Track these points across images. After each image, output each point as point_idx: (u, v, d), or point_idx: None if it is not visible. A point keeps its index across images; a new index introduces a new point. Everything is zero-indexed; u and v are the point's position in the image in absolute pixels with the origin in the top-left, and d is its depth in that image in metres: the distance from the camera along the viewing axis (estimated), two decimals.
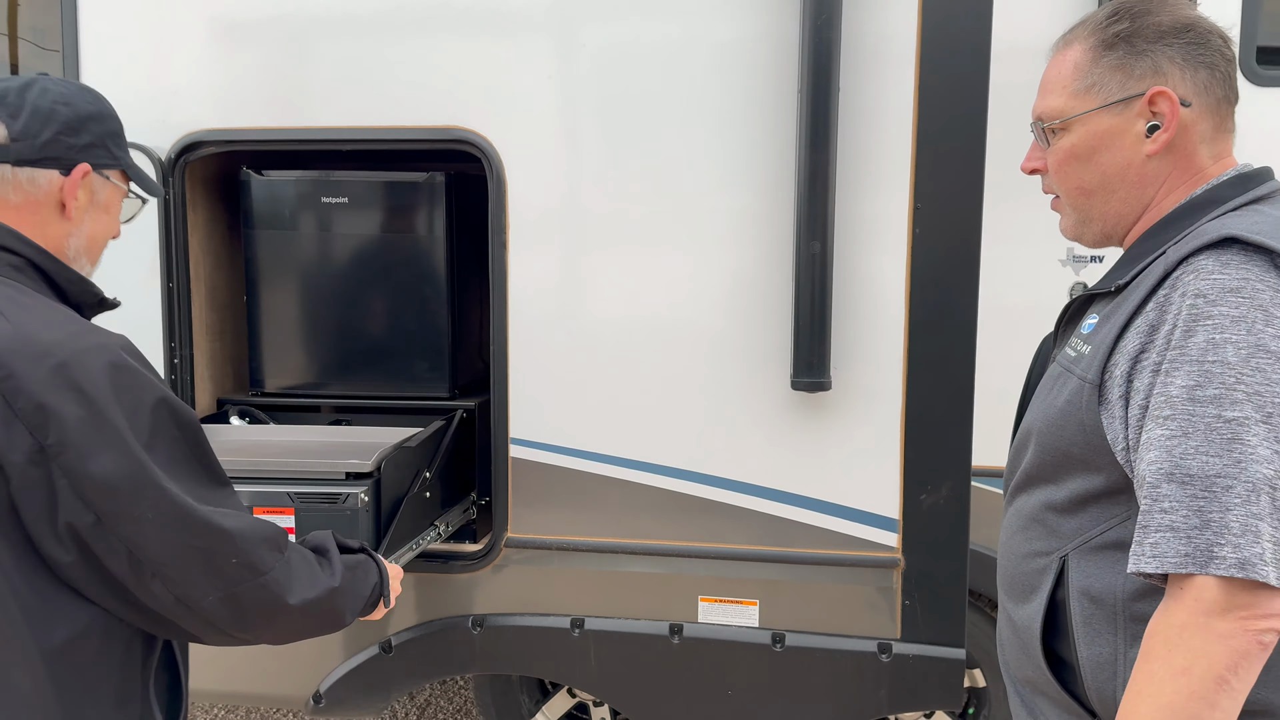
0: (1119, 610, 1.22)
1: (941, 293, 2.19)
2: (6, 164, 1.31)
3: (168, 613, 1.30)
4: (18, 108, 1.32)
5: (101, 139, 1.40)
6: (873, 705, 2.32)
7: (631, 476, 2.35)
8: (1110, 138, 1.29)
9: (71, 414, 1.20)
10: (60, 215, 1.37)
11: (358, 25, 2.33)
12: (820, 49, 2.11)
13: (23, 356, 1.20)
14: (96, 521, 1.22)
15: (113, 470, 1.21)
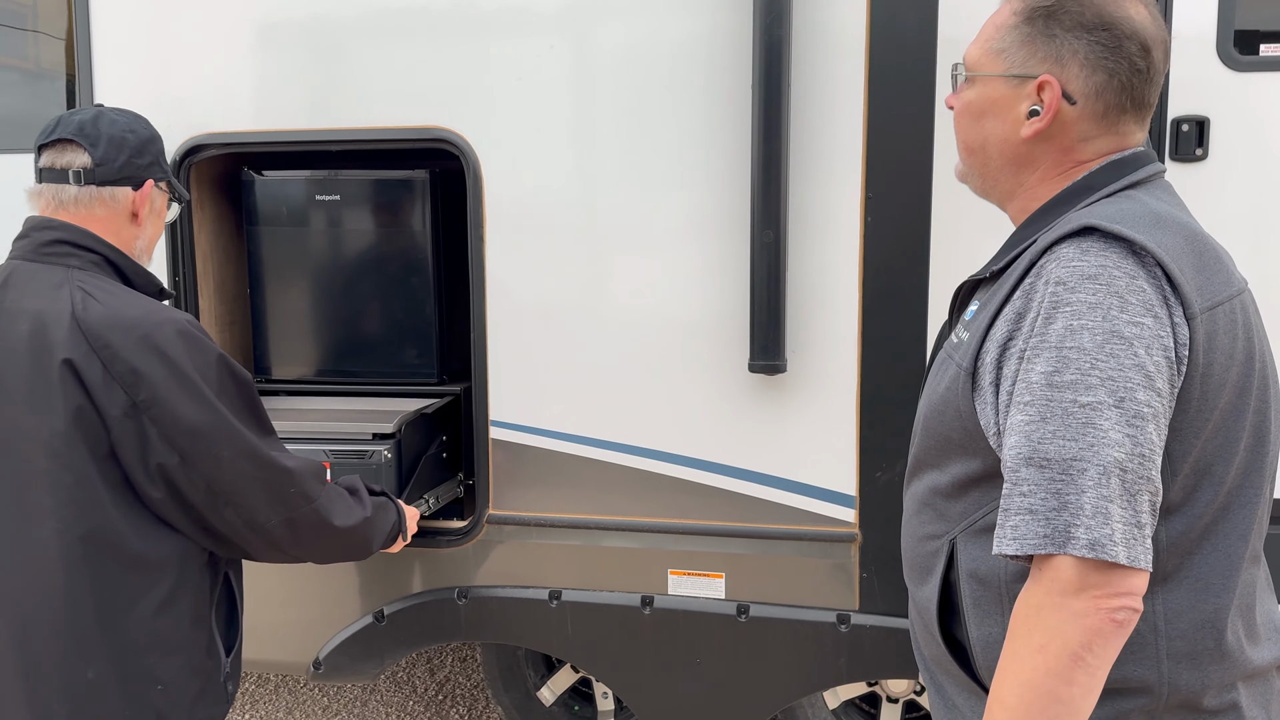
0: (1003, 591, 1.24)
1: (893, 278, 2.28)
2: (93, 185, 1.63)
3: (237, 536, 1.62)
4: (95, 138, 1.63)
5: (156, 158, 1.75)
6: (832, 673, 2.42)
7: (604, 456, 2.47)
8: (998, 107, 1.29)
9: (157, 374, 1.51)
10: (132, 222, 1.69)
11: (342, 33, 2.48)
12: (771, 45, 2.21)
13: (116, 330, 1.51)
14: (181, 461, 1.53)
15: (195, 417, 1.53)
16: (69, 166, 1.63)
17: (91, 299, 1.53)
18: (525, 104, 2.42)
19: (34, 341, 1.51)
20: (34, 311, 1.52)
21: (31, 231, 1.62)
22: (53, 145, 1.65)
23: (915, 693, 2.94)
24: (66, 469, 1.49)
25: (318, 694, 3.82)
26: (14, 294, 1.56)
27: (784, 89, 2.22)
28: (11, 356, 1.52)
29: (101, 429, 1.51)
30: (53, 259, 1.58)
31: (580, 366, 2.46)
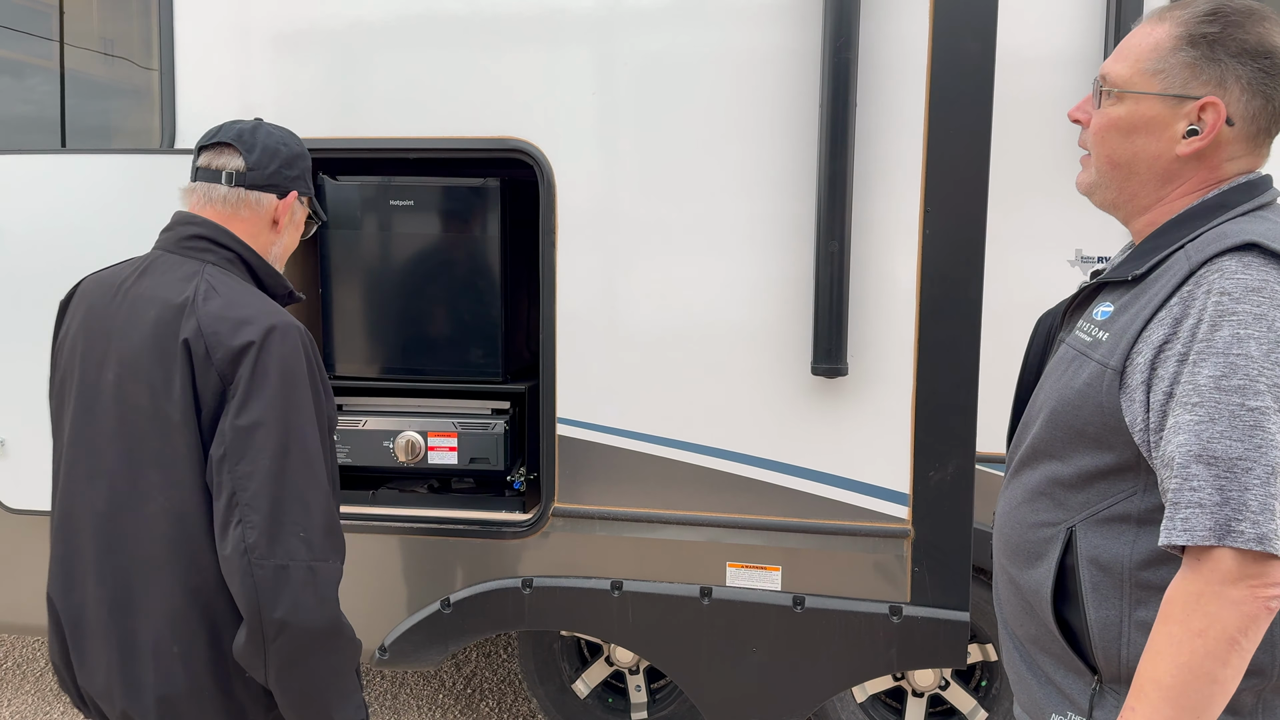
0: (1125, 577, 1.31)
1: (949, 287, 2.42)
2: (243, 187, 1.71)
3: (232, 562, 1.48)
4: (252, 145, 1.73)
5: (304, 173, 1.83)
6: (884, 662, 2.55)
7: (666, 453, 2.59)
8: (1152, 125, 1.34)
9: (246, 367, 1.53)
10: (272, 229, 1.78)
11: (421, 43, 2.60)
12: (839, 66, 2.35)
13: (226, 321, 1.56)
14: (224, 455, 1.51)
15: (256, 414, 1.52)
16: (223, 168, 1.72)
17: (215, 292, 1.59)
18: (598, 115, 2.54)
19: (159, 327, 1.57)
20: (163, 299, 1.60)
21: (176, 225, 1.71)
22: (212, 147, 1.74)
23: (940, 687, 3.07)
24: (174, 449, 1.55)
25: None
26: (150, 281, 1.64)
27: (850, 107, 2.35)
28: (139, 339, 1.59)
29: (196, 411, 1.54)
30: (191, 253, 1.67)
31: (645, 367, 2.58)
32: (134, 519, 1.56)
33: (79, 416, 1.63)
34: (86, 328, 1.66)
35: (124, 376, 1.58)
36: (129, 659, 1.56)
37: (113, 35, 3.07)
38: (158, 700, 1.55)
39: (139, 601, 1.56)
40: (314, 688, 1.55)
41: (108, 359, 1.61)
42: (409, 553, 2.76)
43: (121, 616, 1.57)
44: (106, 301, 1.65)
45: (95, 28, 3.07)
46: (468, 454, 2.79)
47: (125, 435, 1.57)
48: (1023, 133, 2.66)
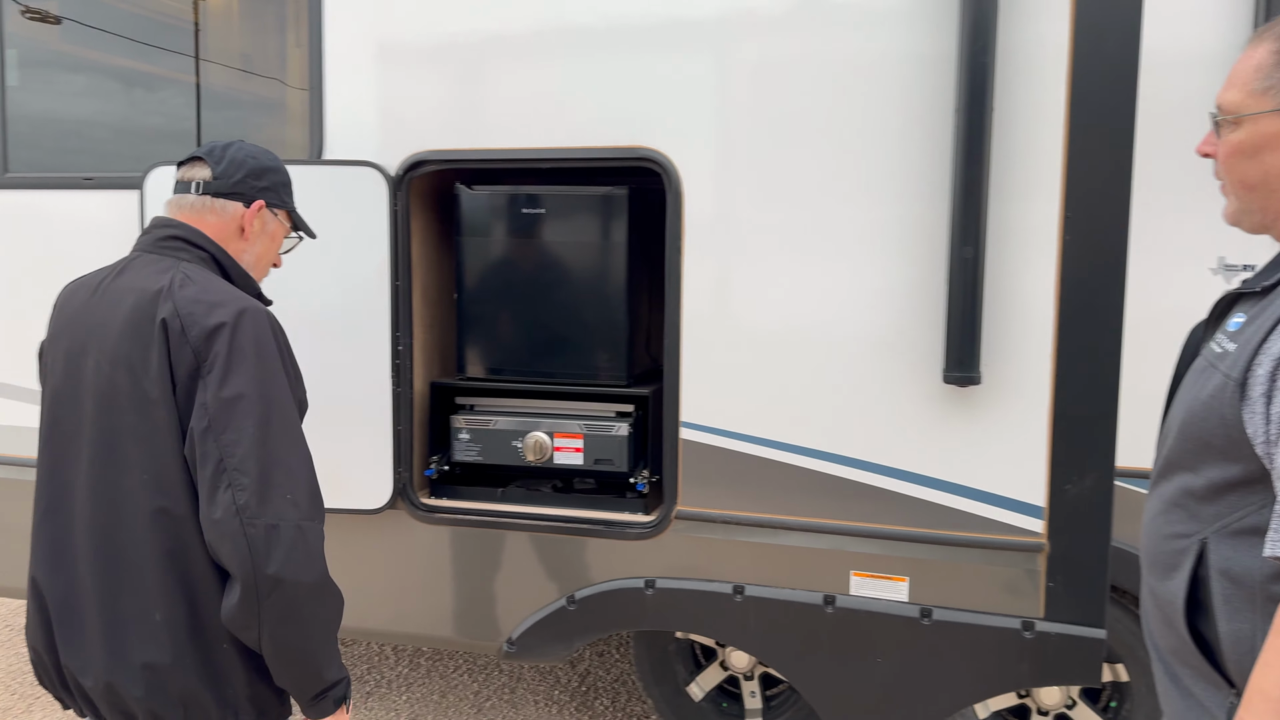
0: (1256, 590, 1.29)
1: (1090, 295, 2.35)
2: (209, 195, 1.83)
3: (224, 525, 1.54)
4: (220, 158, 1.86)
5: (274, 186, 1.91)
6: (1014, 678, 2.49)
7: (791, 459, 2.60)
8: (1275, 141, 1.35)
9: (222, 344, 1.61)
10: (239, 236, 1.87)
11: (553, 55, 2.67)
12: (976, 69, 2.31)
13: (200, 304, 1.65)
14: (208, 427, 1.58)
15: (237, 387, 1.60)
16: (193, 179, 1.84)
17: (190, 280, 1.69)
18: (726, 122, 2.57)
19: (135, 312, 1.66)
20: (140, 288, 1.69)
21: (153, 228, 1.82)
22: (187, 162, 1.88)
23: (1067, 706, 2.98)
24: (151, 424, 1.62)
25: (468, 679, 4.01)
26: (128, 276, 1.74)
27: (988, 111, 2.32)
28: (116, 326, 1.67)
29: (171, 387, 1.61)
30: (167, 251, 1.77)
31: (770, 373, 2.59)
32: (116, 495, 1.64)
33: (60, 406, 1.72)
34: (69, 326, 1.76)
35: (101, 361, 1.67)
36: (113, 630, 1.63)
37: (249, 52, 3.27)
38: (143, 667, 1.61)
39: (122, 573, 1.63)
40: (305, 645, 1.61)
41: (87, 349, 1.69)
42: (535, 549, 2.84)
43: (106, 589, 1.64)
44: (86, 299, 1.76)
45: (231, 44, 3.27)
46: (593, 455, 2.85)
47: (105, 414, 1.65)
48: (1167, 135, 2.57)
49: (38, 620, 1.73)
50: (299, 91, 3.13)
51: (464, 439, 2.94)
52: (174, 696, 1.63)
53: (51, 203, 3.15)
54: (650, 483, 2.87)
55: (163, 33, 3.21)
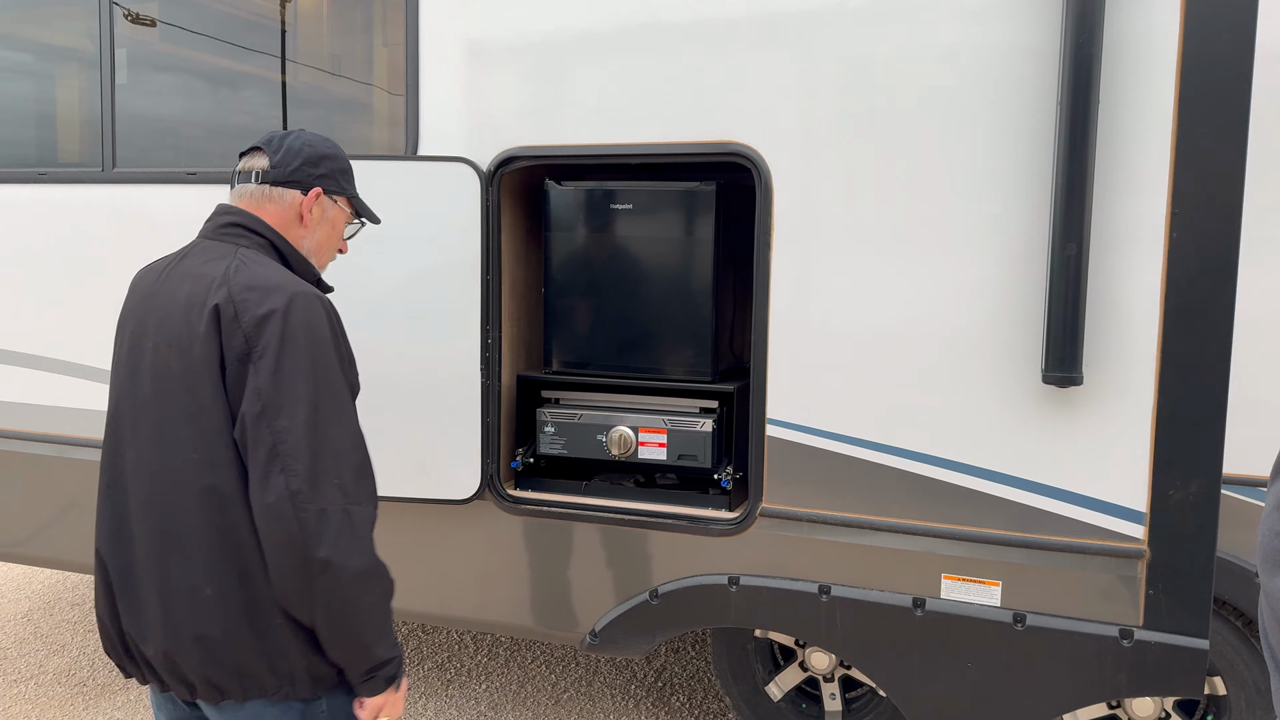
0: None
1: (1198, 295, 2.27)
2: (267, 184, 1.87)
3: (276, 509, 1.59)
4: (278, 147, 1.89)
5: (332, 173, 1.93)
6: (1111, 687, 2.42)
7: (880, 459, 2.56)
8: None
9: (275, 330, 1.63)
10: (299, 223, 1.90)
11: (642, 51, 2.68)
12: (1081, 62, 2.25)
13: (255, 290, 1.68)
14: (262, 412, 1.61)
15: (289, 374, 1.63)
16: (252, 168, 1.88)
17: (245, 267, 1.72)
18: (817, 117, 2.54)
19: (192, 298, 1.70)
20: (198, 274, 1.73)
21: (215, 215, 1.88)
22: (247, 153, 1.92)
23: (1160, 718, 2.89)
24: (200, 405, 1.66)
25: (545, 670, 4.05)
26: (189, 262, 1.79)
27: (1093, 105, 2.25)
28: (174, 310, 1.72)
29: (220, 370, 1.65)
30: (227, 238, 1.81)
31: (860, 371, 2.56)
32: (167, 472, 1.68)
33: (122, 386, 1.78)
34: (134, 309, 1.82)
35: (159, 344, 1.72)
36: (168, 602, 1.67)
37: (338, 52, 3.35)
38: (195, 639, 1.66)
39: (174, 549, 1.67)
40: (355, 625, 1.64)
41: (147, 331, 1.75)
42: (618, 543, 2.85)
43: (160, 563, 1.69)
44: (151, 283, 1.81)
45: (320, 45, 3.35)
46: (676, 450, 2.86)
47: (159, 395, 1.70)
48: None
49: (103, 591, 1.79)
50: (384, 90, 3.21)
51: (549, 432, 2.97)
52: (229, 667, 1.67)
53: (155, 197, 3.27)
54: (734, 479, 2.87)
55: (256, 33, 3.31)
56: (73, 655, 4.15)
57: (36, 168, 3.47)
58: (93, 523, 3.36)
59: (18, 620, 4.53)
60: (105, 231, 3.32)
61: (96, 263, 3.33)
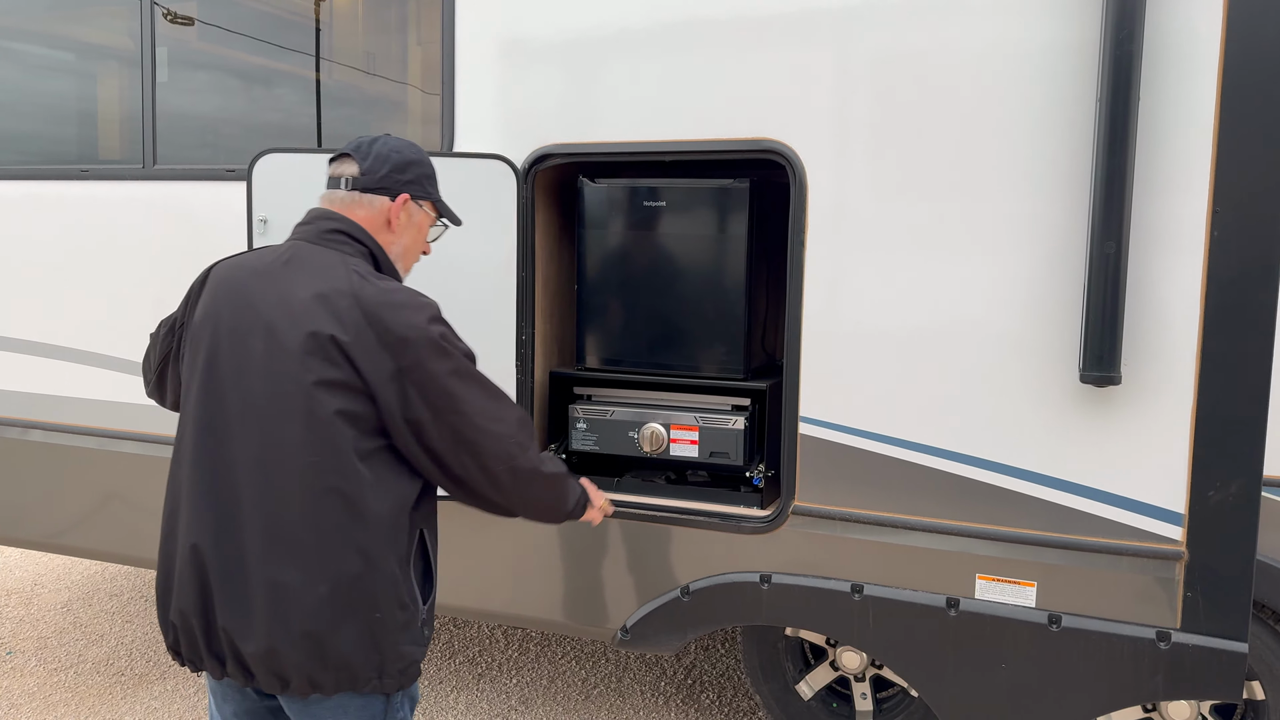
0: None
1: (1239, 294, 2.25)
2: (357, 190, 1.93)
3: (470, 479, 1.86)
4: (366, 153, 1.95)
5: (419, 178, 1.99)
6: (1147, 690, 2.40)
7: (914, 458, 2.55)
8: None
9: (420, 344, 1.78)
10: (388, 228, 1.98)
11: (677, 49, 2.68)
12: (1122, 59, 2.23)
13: (387, 308, 1.78)
14: (433, 416, 1.79)
15: (446, 380, 1.80)
16: (342, 175, 1.94)
17: (366, 282, 1.80)
18: (852, 114, 2.54)
19: (315, 307, 1.76)
20: (315, 284, 1.79)
21: (315, 220, 1.92)
22: (336, 159, 1.98)
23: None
24: (325, 409, 1.73)
25: (575, 666, 4.07)
26: (299, 268, 1.83)
27: (1133, 103, 2.23)
28: (291, 314, 1.77)
29: (361, 388, 1.75)
30: (331, 244, 1.88)
31: (894, 369, 2.55)
32: (286, 474, 1.74)
33: (220, 381, 1.79)
34: (229, 304, 1.84)
35: (274, 347, 1.76)
36: (279, 598, 1.72)
37: (372, 50, 3.38)
38: (303, 635, 1.72)
39: (291, 547, 1.73)
40: (551, 511, 2.08)
41: (254, 330, 1.78)
42: (650, 540, 2.86)
43: (273, 561, 1.73)
44: (248, 280, 1.84)
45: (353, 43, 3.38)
46: (708, 448, 2.86)
47: (276, 398, 1.75)
48: None
49: (193, 586, 1.80)
50: (418, 89, 3.23)
51: (581, 428, 2.99)
52: (331, 663, 1.73)
53: (195, 193, 3.32)
54: (766, 477, 2.87)
55: (293, 32, 3.35)
56: (111, 645, 4.22)
57: (79, 165, 3.53)
58: (137, 514, 3.43)
59: (57, 610, 4.61)
60: (146, 227, 3.38)
61: (137, 259, 3.38)
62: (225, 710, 1.93)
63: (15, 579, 5.02)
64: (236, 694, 1.91)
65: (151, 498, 3.40)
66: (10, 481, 3.68)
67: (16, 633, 4.36)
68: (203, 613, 1.80)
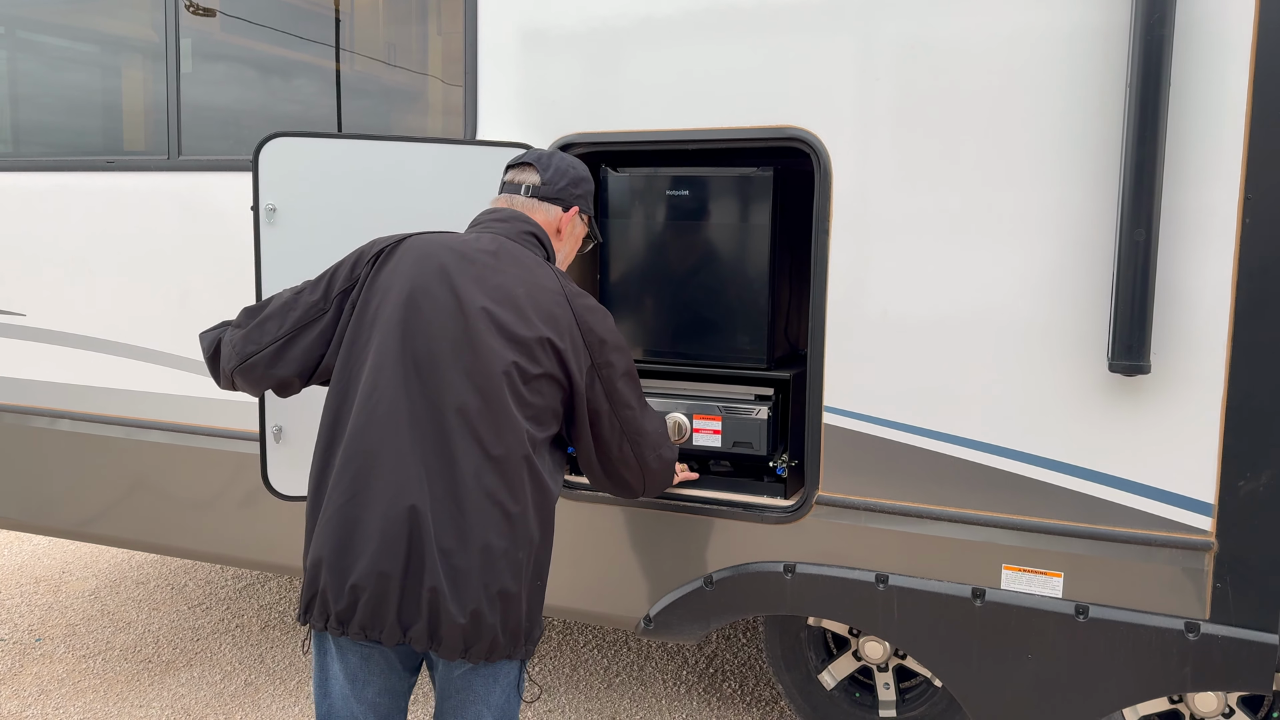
0: None
1: (1271, 282, 2.22)
2: (535, 198, 2.16)
3: (624, 463, 2.18)
4: (547, 165, 2.19)
5: (587, 194, 2.25)
6: (1176, 681, 2.38)
7: (939, 447, 2.54)
8: None
9: (610, 344, 2.06)
10: (557, 236, 2.19)
11: (701, 36, 2.67)
12: (1152, 44, 2.20)
13: (592, 312, 2.05)
14: (610, 407, 2.08)
15: (623, 376, 2.10)
16: (524, 182, 2.15)
17: (570, 284, 2.04)
18: (878, 101, 2.52)
19: (530, 303, 1.94)
20: (528, 280, 1.98)
21: (510, 220, 2.11)
22: (516, 166, 2.19)
23: (1224, 715, 2.83)
24: (524, 397, 1.91)
25: (598, 655, 4.08)
26: (511, 261, 2.00)
27: (1164, 89, 2.20)
28: (510, 301, 1.93)
29: (562, 380, 1.97)
30: (529, 245, 2.09)
31: (919, 359, 2.54)
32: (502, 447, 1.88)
33: (433, 353, 1.89)
34: (440, 278, 1.93)
35: (486, 332, 1.90)
36: (490, 561, 1.84)
37: (394, 41, 3.38)
38: (500, 593, 1.86)
39: (501, 515, 1.86)
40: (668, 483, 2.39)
41: (466, 311, 1.91)
42: (673, 529, 2.86)
43: (487, 527, 1.84)
44: (457, 263, 1.96)
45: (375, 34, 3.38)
46: (731, 438, 2.86)
47: (488, 377, 1.88)
48: None
49: (402, 546, 1.81)
50: (439, 80, 3.23)
51: None
52: (509, 628, 1.88)
53: (219, 184, 3.34)
54: (789, 467, 2.86)
55: (315, 23, 3.35)
56: (138, 632, 4.27)
57: (105, 156, 3.55)
58: (164, 502, 3.46)
59: (85, 598, 4.67)
60: (171, 218, 3.40)
61: (162, 248, 3.41)
62: (366, 694, 1.94)
63: (44, 566, 5.09)
64: (384, 672, 1.94)
65: (178, 486, 3.44)
66: (38, 470, 3.72)
67: (45, 620, 4.42)
68: (405, 574, 1.82)
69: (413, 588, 1.81)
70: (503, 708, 1.97)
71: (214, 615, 4.47)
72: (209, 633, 4.27)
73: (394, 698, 1.97)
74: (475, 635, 1.83)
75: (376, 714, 1.96)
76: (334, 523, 1.84)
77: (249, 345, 2.08)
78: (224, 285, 3.27)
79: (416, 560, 1.81)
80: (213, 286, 3.33)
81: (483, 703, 1.93)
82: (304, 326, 2.04)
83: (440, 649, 1.83)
